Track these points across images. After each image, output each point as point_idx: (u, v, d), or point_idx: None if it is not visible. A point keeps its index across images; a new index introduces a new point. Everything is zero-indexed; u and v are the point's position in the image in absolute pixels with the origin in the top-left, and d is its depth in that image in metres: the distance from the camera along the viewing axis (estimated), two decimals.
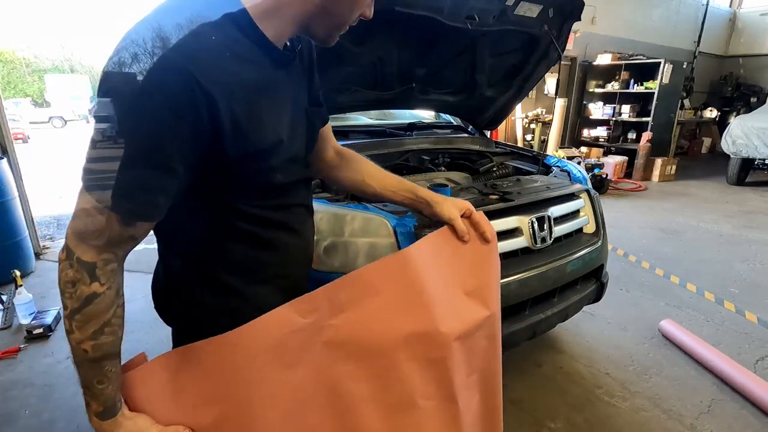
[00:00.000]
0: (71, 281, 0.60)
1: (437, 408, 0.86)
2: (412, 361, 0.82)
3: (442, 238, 0.90)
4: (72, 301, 0.61)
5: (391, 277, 0.82)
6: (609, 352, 2.31)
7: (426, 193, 0.94)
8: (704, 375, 2.12)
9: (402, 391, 0.82)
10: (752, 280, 3.26)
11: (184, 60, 0.56)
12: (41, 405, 1.90)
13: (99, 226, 0.59)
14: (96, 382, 0.64)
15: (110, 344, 0.64)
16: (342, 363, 0.79)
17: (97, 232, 0.60)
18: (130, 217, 0.60)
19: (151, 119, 0.57)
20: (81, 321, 0.61)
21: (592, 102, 7.72)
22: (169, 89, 0.56)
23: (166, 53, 0.56)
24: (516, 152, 2.50)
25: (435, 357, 0.83)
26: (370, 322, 0.80)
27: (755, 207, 5.42)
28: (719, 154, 7.45)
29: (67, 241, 0.61)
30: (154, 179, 0.59)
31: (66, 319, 0.62)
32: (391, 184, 0.98)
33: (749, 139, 6.11)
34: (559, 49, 1.98)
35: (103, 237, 0.60)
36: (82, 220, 0.60)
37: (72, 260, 0.60)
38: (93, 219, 0.59)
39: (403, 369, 0.81)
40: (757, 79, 10.20)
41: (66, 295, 0.61)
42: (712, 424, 1.82)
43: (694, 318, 2.67)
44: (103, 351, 0.63)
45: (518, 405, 1.91)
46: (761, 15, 10.03)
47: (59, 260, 0.62)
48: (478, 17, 1.67)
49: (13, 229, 3.09)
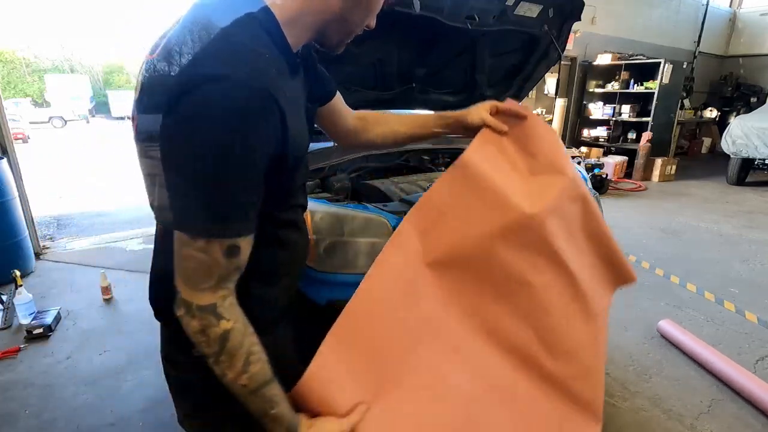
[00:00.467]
0: (200, 330, 0.60)
1: (553, 279, 0.93)
2: (512, 249, 0.89)
3: (485, 138, 0.95)
4: (210, 347, 0.61)
5: (459, 188, 0.90)
6: (609, 352, 2.30)
7: (452, 114, 0.99)
8: (704, 375, 2.12)
9: (513, 279, 0.90)
10: (752, 280, 3.26)
11: (261, 79, 0.58)
12: (41, 405, 1.90)
13: (205, 265, 0.59)
14: (268, 409, 0.65)
15: (262, 371, 0.64)
16: (451, 275, 0.88)
17: (205, 274, 0.59)
18: (231, 236, 0.59)
19: (242, 138, 0.56)
20: (227, 361, 0.61)
21: (592, 102, 7.71)
22: (255, 109, 0.56)
23: (244, 75, 0.56)
24: None
25: (532, 238, 0.89)
26: (461, 232, 0.88)
27: (755, 207, 5.42)
28: (719, 154, 7.45)
29: (181, 295, 0.60)
30: (244, 196, 0.60)
31: (215, 366, 0.62)
32: (419, 121, 1.02)
33: (749, 139, 6.11)
34: (559, 49, 1.99)
35: (213, 276, 0.60)
36: (188, 266, 0.59)
37: (192, 311, 0.60)
38: (197, 261, 0.58)
39: (507, 260, 0.89)
40: (757, 79, 10.20)
41: (202, 344, 0.61)
42: (712, 424, 1.82)
43: (694, 318, 2.67)
44: (258, 379, 0.64)
45: None
46: (761, 15, 10.03)
47: (179, 316, 0.61)
48: (478, 17, 1.67)
49: (13, 229, 3.10)
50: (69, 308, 2.72)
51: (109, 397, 1.95)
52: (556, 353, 0.94)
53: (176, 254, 0.59)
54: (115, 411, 1.86)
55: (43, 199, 5.76)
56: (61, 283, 3.09)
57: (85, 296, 2.89)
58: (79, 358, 2.24)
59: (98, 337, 2.41)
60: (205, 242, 0.58)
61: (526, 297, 0.91)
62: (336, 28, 0.72)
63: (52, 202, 5.73)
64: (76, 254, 3.66)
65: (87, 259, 3.53)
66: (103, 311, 2.71)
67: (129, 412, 1.86)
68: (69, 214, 5.13)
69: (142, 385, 2.03)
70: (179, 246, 0.59)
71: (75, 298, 2.86)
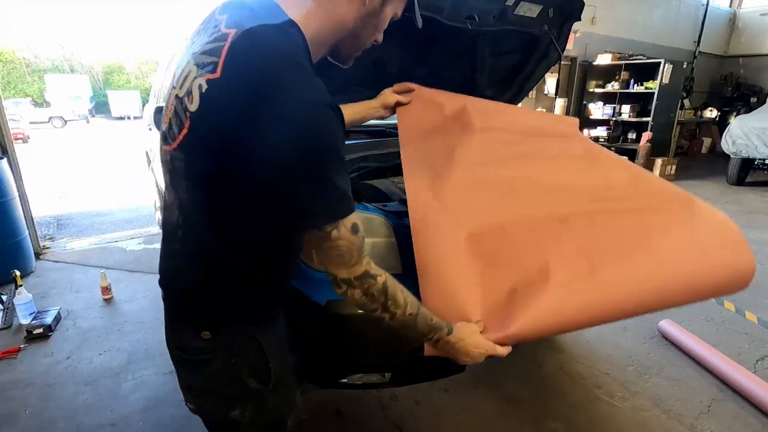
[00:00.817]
0: (364, 293, 0.74)
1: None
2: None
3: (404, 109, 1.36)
4: (376, 301, 0.75)
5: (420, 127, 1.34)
6: (609, 352, 2.31)
7: (374, 100, 1.35)
8: (704, 375, 2.12)
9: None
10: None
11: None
12: (41, 405, 1.90)
13: (346, 247, 0.70)
14: (429, 321, 0.82)
15: (413, 297, 0.81)
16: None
17: (349, 253, 0.71)
18: (349, 214, 0.70)
19: (340, 139, 0.67)
20: (393, 303, 0.77)
21: (592, 102, 7.71)
22: (337, 113, 0.67)
23: (323, 90, 0.66)
24: None
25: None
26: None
27: (755, 207, 5.42)
28: (719, 154, 7.45)
29: (339, 277, 0.72)
30: (347, 183, 0.70)
31: (384, 313, 0.77)
32: (354, 110, 1.30)
33: (749, 139, 6.11)
34: (559, 49, 1.98)
35: (354, 252, 0.71)
36: (335, 253, 0.70)
37: (353, 283, 0.73)
38: (340, 247, 0.70)
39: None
40: (757, 79, 10.20)
41: (368, 303, 0.75)
42: (712, 424, 1.82)
43: (694, 318, 2.67)
44: (416, 303, 0.81)
45: (518, 405, 1.91)
46: (761, 15, 10.03)
47: (342, 293, 0.74)
48: (478, 17, 1.67)
49: (13, 229, 3.10)
50: (69, 308, 2.72)
51: (109, 397, 1.95)
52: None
53: (320, 250, 0.71)
54: (115, 411, 1.87)
55: (43, 199, 5.77)
56: (61, 283, 3.09)
57: (85, 296, 2.89)
58: (79, 358, 2.24)
59: (98, 337, 2.41)
60: (336, 230, 0.68)
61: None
62: (348, 44, 0.80)
63: (52, 202, 5.74)
64: (76, 254, 3.66)
65: (87, 259, 3.53)
66: (103, 311, 2.71)
67: (129, 412, 1.86)
68: (69, 214, 5.13)
69: (142, 385, 2.03)
70: (320, 243, 0.70)
71: (75, 298, 2.86)
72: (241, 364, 0.82)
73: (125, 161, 9.14)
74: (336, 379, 1.48)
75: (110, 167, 8.67)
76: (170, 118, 0.73)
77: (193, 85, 0.67)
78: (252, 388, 0.84)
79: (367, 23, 0.77)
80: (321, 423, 1.79)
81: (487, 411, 1.88)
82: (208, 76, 0.65)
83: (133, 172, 7.47)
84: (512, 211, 1.10)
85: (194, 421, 1.77)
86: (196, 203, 0.73)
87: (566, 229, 1.04)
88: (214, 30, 0.70)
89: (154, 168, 3.80)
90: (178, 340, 0.84)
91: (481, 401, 1.93)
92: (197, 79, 0.67)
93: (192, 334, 0.80)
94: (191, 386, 0.88)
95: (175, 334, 0.85)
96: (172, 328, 0.86)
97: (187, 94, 0.69)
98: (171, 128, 0.73)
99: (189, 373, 0.87)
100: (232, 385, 0.83)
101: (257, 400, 0.85)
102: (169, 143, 0.74)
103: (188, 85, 0.69)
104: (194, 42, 0.75)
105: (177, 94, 0.71)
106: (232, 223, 0.72)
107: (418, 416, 1.85)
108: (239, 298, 0.82)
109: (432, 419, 1.83)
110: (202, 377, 0.84)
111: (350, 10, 0.74)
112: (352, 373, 1.48)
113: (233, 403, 0.85)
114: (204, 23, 0.77)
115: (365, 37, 0.80)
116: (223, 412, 0.85)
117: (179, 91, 0.71)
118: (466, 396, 1.96)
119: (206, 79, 0.65)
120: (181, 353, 0.84)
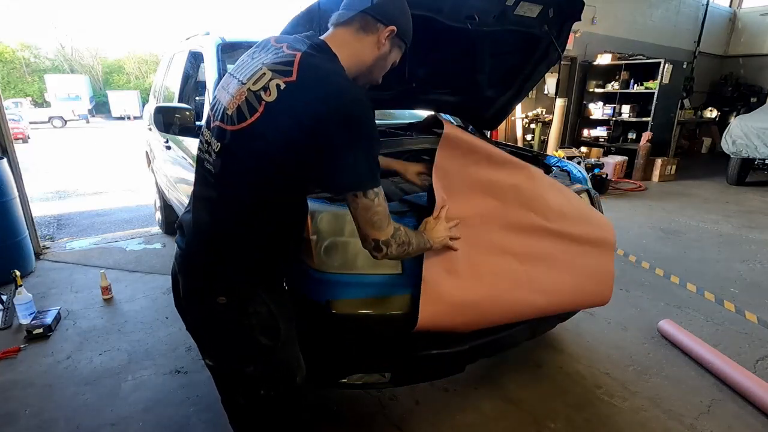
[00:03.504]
0: (398, 245, 1.06)
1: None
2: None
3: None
4: (408, 246, 1.09)
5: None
6: (609, 352, 2.31)
7: (394, 163, 1.60)
8: (704, 375, 2.12)
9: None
10: (752, 280, 3.26)
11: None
12: (41, 405, 1.90)
13: (382, 211, 0.99)
14: (424, 243, 1.19)
15: (411, 230, 1.14)
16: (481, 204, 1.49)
17: (383, 216, 1.00)
18: (379, 184, 0.98)
19: (375, 124, 0.98)
20: (415, 246, 1.13)
21: (592, 102, 7.71)
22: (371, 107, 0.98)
23: (364, 91, 1.02)
24: (516, 152, 2.49)
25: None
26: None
27: (755, 207, 5.42)
28: (719, 154, 7.44)
29: (380, 240, 1.02)
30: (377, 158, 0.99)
31: (411, 252, 1.13)
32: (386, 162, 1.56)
33: (749, 139, 6.11)
34: (559, 49, 1.98)
35: (385, 215, 1.01)
36: (374, 218, 0.99)
37: (389, 243, 1.03)
38: (377, 212, 0.98)
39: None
40: (757, 79, 10.20)
41: (403, 253, 1.09)
42: (712, 424, 1.82)
43: (694, 318, 2.67)
44: (413, 234, 1.14)
45: (518, 405, 1.91)
46: (761, 15, 10.03)
47: (383, 255, 1.04)
48: (478, 17, 1.67)
49: (13, 229, 3.10)
50: (69, 308, 2.72)
51: (109, 397, 1.95)
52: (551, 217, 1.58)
53: (361, 216, 0.99)
54: (115, 411, 1.86)
55: (43, 199, 5.77)
56: (61, 283, 3.09)
57: (85, 296, 2.89)
58: (79, 358, 2.24)
59: (98, 337, 2.41)
60: (377, 197, 0.97)
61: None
62: (363, 77, 1.10)
63: (52, 202, 5.74)
64: (76, 254, 3.66)
65: (87, 259, 3.53)
66: (103, 311, 2.71)
67: (129, 412, 1.86)
68: (69, 214, 5.13)
69: (142, 385, 2.03)
70: (364, 212, 0.98)
71: (75, 298, 2.86)
72: (254, 324, 1.04)
73: (125, 161, 9.14)
74: (336, 379, 1.48)
75: (110, 167, 8.67)
76: (238, 105, 0.96)
77: (271, 84, 0.93)
78: (264, 344, 1.05)
79: (379, 64, 1.10)
80: (321, 423, 1.79)
81: (487, 411, 1.88)
82: (285, 79, 0.93)
83: (133, 172, 7.48)
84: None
85: (194, 421, 1.78)
86: (248, 169, 0.96)
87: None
88: (278, 51, 0.99)
89: (154, 168, 3.80)
90: (202, 310, 1.06)
91: (481, 401, 1.93)
92: (274, 80, 0.93)
93: (210, 300, 1.03)
94: (208, 346, 1.13)
95: (193, 302, 1.08)
96: (190, 298, 1.09)
97: (264, 89, 0.94)
98: (239, 110, 0.95)
99: (206, 334, 1.11)
100: (246, 343, 1.05)
101: (269, 356, 1.06)
102: (233, 123, 0.96)
103: (264, 83, 0.94)
104: (254, 59, 1.02)
105: (249, 88, 0.96)
106: (276, 182, 0.97)
107: (418, 416, 1.85)
108: (253, 262, 1.04)
109: (432, 419, 1.83)
110: (219, 337, 1.08)
111: (371, 52, 1.07)
112: (352, 373, 1.48)
113: (248, 359, 1.06)
114: (260, 48, 1.06)
115: (376, 74, 1.13)
116: (239, 368, 1.07)
117: (253, 86, 0.95)
118: (466, 396, 1.96)
119: (284, 80, 0.93)
120: (199, 317, 1.08)
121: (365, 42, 1.06)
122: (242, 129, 0.95)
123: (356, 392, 1.95)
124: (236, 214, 1.01)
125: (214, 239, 1.04)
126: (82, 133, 16.99)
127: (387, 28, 1.06)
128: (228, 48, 2.36)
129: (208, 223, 1.04)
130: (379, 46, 1.07)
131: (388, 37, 1.07)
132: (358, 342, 1.41)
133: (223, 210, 1.02)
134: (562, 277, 1.58)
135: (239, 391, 1.12)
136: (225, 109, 0.99)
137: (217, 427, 1.42)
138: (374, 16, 1.04)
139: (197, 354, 2.24)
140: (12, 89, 24.18)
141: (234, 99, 0.98)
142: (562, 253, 1.59)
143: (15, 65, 25.13)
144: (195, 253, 1.07)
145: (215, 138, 1.01)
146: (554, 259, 1.57)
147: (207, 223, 1.04)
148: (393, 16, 1.07)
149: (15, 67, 25.12)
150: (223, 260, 1.02)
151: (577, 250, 1.62)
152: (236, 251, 1.02)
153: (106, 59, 29.75)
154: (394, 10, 1.07)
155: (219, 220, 1.03)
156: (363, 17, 1.04)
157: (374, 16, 1.04)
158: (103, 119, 24.61)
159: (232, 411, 1.20)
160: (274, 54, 1.00)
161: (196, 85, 3.16)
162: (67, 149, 12.07)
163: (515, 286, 1.47)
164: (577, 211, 1.70)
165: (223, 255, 1.02)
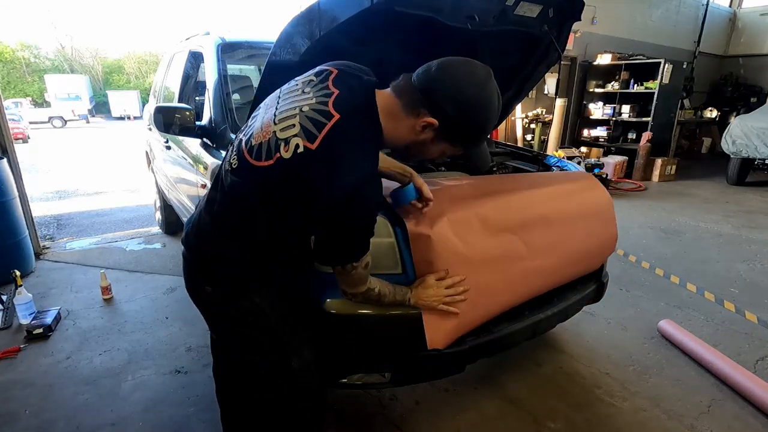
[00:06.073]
0: (365, 300, 1.18)
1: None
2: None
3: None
4: (374, 301, 1.20)
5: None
6: (609, 352, 2.31)
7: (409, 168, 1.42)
8: (704, 375, 2.12)
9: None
10: (752, 280, 3.26)
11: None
12: (41, 405, 1.90)
13: (358, 277, 1.09)
14: (400, 299, 1.26)
15: (390, 288, 1.23)
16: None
17: (360, 280, 1.11)
18: (364, 256, 1.03)
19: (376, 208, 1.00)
20: (383, 300, 1.21)
21: (592, 102, 7.71)
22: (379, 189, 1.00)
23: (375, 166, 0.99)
24: (516, 152, 2.49)
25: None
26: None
27: (755, 207, 5.42)
28: (719, 154, 7.44)
29: (347, 293, 1.15)
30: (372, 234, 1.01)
31: (377, 304, 1.24)
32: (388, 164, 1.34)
33: (749, 139, 6.11)
34: (559, 49, 1.98)
35: (363, 280, 1.11)
36: (350, 281, 1.09)
37: (356, 297, 1.15)
38: (354, 277, 1.08)
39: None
40: (757, 79, 10.20)
41: (369, 303, 1.22)
42: (712, 424, 1.82)
43: (694, 318, 2.67)
44: (392, 291, 1.24)
45: (518, 405, 1.91)
46: (761, 15, 10.03)
47: (353, 300, 1.17)
48: (478, 17, 1.67)
49: (13, 229, 3.10)
50: (69, 308, 2.72)
51: (109, 397, 1.95)
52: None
53: (336, 273, 1.08)
54: (115, 411, 1.86)
55: (43, 199, 5.77)
56: (61, 283, 3.09)
57: (85, 296, 2.89)
58: (79, 358, 2.24)
59: (98, 337, 2.41)
60: (353, 267, 1.03)
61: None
62: (399, 152, 1.09)
63: (52, 202, 5.74)
64: (76, 254, 3.66)
65: (87, 259, 3.53)
66: (103, 311, 2.71)
67: (129, 412, 1.86)
68: (69, 214, 5.13)
69: (142, 385, 2.03)
70: (338, 273, 1.07)
71: (75, 298, 2.86)
72: (241, 317, 1.09)
73: (125, 161, 9.14)
74: (336, 379, 1.48)
75: (110, 167, 8.67)
76: (261, 142, 0.94)
77: (292, 141, 0.90)
78: (254, 336, 1.11)
79: (416, 148, 1.01)
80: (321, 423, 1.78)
81: (487, 411, 1.88)
82: (307, 143, 0.89)
83: (133, 172, 7.47)
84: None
85: (194, 421, 1.78)
86: (251, 204, 0.99)
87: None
88: (324, 98, 0.93)
89: (154, 168, 3.80)
90: (196, 295, 1.14)
91: (481, 401, 1.93)
92: (296, 138, 0.90)
93: (201, 288, 1.11)
94: (212, 331, 1.25)
95: (194, 290, 1.14)
96: (186, 282, 1.16)
97: (284, 142, 0.91)
98: (260, 148, 0.94)
99: (208, 318, 1.19)
100: (240, 333, 1.12)
101: (260, 345, 1.13)
102: (251, 156, 0.95)
103: (288, 135, 0.91)
104: (299, 94, 0.98)
105: (276, 131, 0.93)
106: (273, 222, 1.00)
107: (418, 416, 1.85)
108: (243, 263, 1.07)
109: (432, 419, 1.83)
110: (218, 326, 1.19)
111: (407, 134, 0.98)
112: (352, 373, 1.48)
113: (243, 346, 1.14)
114: (316, 75, 1.00)
115: (413, 155, 1.05)
116: (241, 355, 1.17)
117: (279, 133, 0.92)
118: (466, 396, 1.96)
119: (304, 144, 0.89)
120: (194, 299, 1.16)
121: (404, 122, 0.96)
122: (254, 167, 0.94)
123: (356, 392, 1.95)
124: (232, 226, 1.04)
125: (211, 238, 1.07)
126: (82, 133, 16.98)
127: (425, 119, 0.94)
128: (228, 48, 2.36)
129: (207, 221, 1.08)
130: (416, 132, 0.96)
131: (425, 128, 0.95)
132: (358, 342, 1.40)
133: (222, 217, 1.05)
134: (577, 249, 1.70)
135: (233, 369, 1.23)
136: (252, 135, 0.97)
137: (218, 427, 1.42)
138: (422, 98, 0.93)
139: (197, 354, 2.24)
140: (12, 89, 24.18)
141: (261, 133, 0.95)
142: (570, 236, 1.67)
143: (15, 65, 25.13)
144: (192, 246, 1.11)
145: (236, 154, 1.00)
146: (563, 243, 1.65)
147: (207, 222, 1.08)
148: (441, 107, 0.92)
149: (15, 67, 25.12)
150: (217, 258, 1.07)
151: (581, 224, 1.70)
152: (228, 252, 1.06)
153: (106, 59, 29.75)
154: (448, 102, 0.92)
155: (217, 224, 1.06)
156: (412, 92, 0.94)
157: (422, 98, 0.93)
158: (103, 119, 24.63)
159: (225, 390, 1.32)
160: (316, 93, 0.95)
161: (196, 85, 3.16)
162: (67, 149, 12.07)
163: (526, 281, 1.58)
164: (564, 191, 1.76)
165: (216, 253, 1.07)
